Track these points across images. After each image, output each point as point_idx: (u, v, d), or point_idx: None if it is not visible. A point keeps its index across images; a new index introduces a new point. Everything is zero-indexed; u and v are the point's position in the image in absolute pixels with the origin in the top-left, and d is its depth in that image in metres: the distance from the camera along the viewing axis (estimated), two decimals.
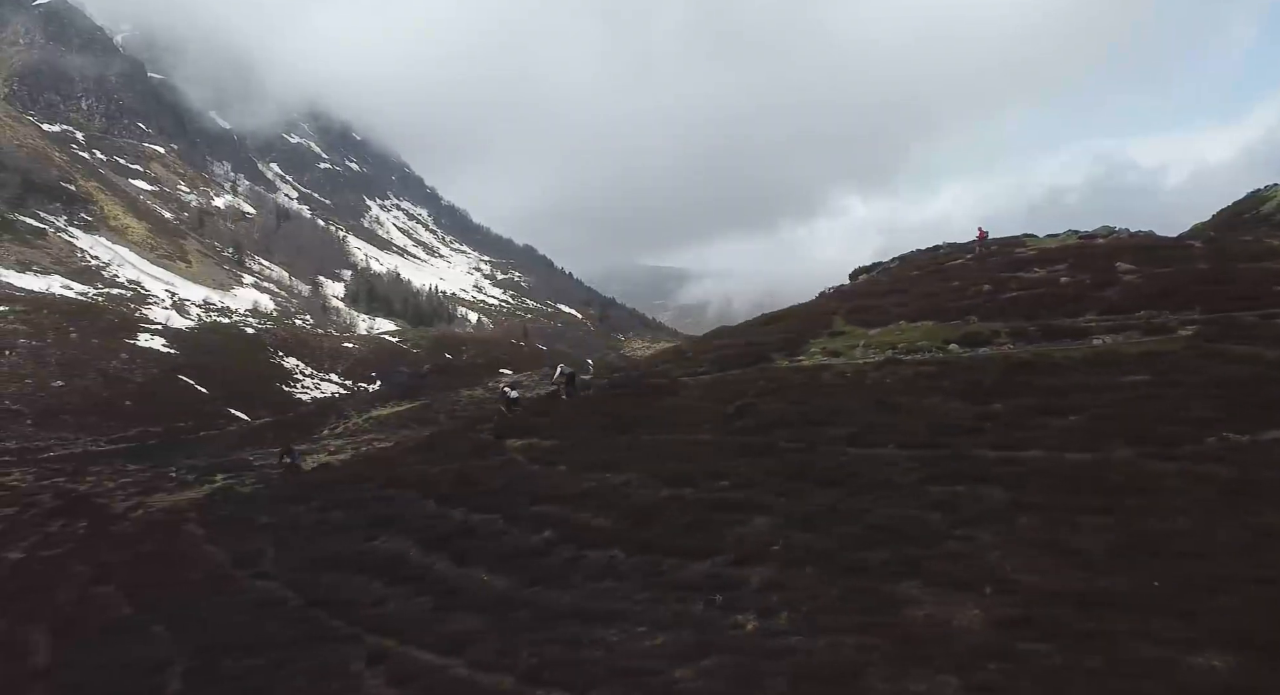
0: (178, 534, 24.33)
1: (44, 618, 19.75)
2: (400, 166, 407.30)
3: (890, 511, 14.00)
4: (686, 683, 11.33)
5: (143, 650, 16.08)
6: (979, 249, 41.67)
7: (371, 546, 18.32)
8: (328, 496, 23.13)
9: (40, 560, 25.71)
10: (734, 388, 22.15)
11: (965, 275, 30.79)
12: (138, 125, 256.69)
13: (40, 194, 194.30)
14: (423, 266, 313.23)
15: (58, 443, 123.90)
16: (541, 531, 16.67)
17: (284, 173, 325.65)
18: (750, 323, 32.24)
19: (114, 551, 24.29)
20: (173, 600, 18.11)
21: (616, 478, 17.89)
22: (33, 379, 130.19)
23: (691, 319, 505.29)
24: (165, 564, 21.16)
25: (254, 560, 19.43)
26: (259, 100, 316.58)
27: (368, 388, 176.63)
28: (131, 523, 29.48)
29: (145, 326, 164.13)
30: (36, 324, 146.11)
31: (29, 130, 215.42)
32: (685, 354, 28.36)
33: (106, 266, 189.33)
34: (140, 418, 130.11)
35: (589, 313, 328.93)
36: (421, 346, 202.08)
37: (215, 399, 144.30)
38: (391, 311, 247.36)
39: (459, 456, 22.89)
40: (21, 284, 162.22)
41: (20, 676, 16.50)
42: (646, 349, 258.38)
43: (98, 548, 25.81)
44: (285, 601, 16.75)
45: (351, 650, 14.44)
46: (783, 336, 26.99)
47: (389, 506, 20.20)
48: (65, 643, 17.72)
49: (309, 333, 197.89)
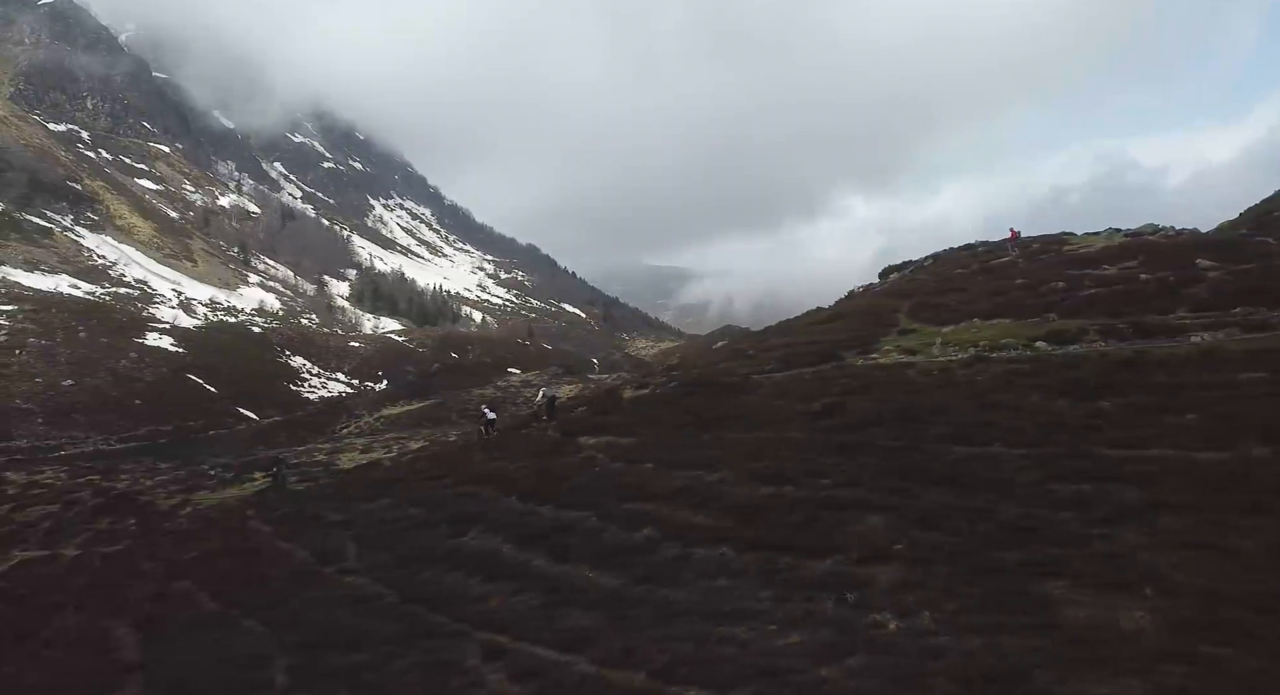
0: (244, 531, 24.14)
1: (123, 613, 19.58)
2: (403, 166, 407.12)
3: (1015, 511, 13.81)
4: (837, 682, 11.14)
5: (238, 646, 15.91)
6: (1013, 248, 41.51)
7: (461, 543, 18.10)
8: (399, 494, 22.91)
9: (101, 557, 25.55)
10: (813, 386, 21.90)
11: (1027, 273, 30.53)
12: (143, 124, 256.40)
13: (46, 193, 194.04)
14: (426, 266, 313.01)
15: (69, 441, 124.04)
16: (640, 529, 16.45)
17: (288, 172, 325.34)
18: (807, 321, 31.86)
19: (179, 548, 24.10)
20: (259, 596, 17.91)
21: (710, 475, 17.68)
22: (43, 378, 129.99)
23: (693, 318, 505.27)
24: (241, 560, 20.96)
25: (337, 557, 19.23)
26: (264, 100, 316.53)
27: (374, 387, 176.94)
28: (186, 520, 29.31)
29: (153, 326, 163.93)
30: (46, 323, 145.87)
31: (35, 129, 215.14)
32: (746, 352, 28.06)
33: (113, 266, 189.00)
34: (150, 417, 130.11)
35: (593, 312, 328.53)
36: (427, 346, 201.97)
37: (224, 398, 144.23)
38: (396, 311, 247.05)
39: (531, 454, 22.64)
40: (29, 283, 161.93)
41: (111, 671, 16.33)
42: (651, 348, 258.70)
43: (159, 544, 25.64)
44: (380, 597, 16.56)
45: (462, 646, 14.23)
46: (849, 334, 26.73)
47: (469, 503, 19.98)
48: (152, 638, 17.54)
49: (315, 332, 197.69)
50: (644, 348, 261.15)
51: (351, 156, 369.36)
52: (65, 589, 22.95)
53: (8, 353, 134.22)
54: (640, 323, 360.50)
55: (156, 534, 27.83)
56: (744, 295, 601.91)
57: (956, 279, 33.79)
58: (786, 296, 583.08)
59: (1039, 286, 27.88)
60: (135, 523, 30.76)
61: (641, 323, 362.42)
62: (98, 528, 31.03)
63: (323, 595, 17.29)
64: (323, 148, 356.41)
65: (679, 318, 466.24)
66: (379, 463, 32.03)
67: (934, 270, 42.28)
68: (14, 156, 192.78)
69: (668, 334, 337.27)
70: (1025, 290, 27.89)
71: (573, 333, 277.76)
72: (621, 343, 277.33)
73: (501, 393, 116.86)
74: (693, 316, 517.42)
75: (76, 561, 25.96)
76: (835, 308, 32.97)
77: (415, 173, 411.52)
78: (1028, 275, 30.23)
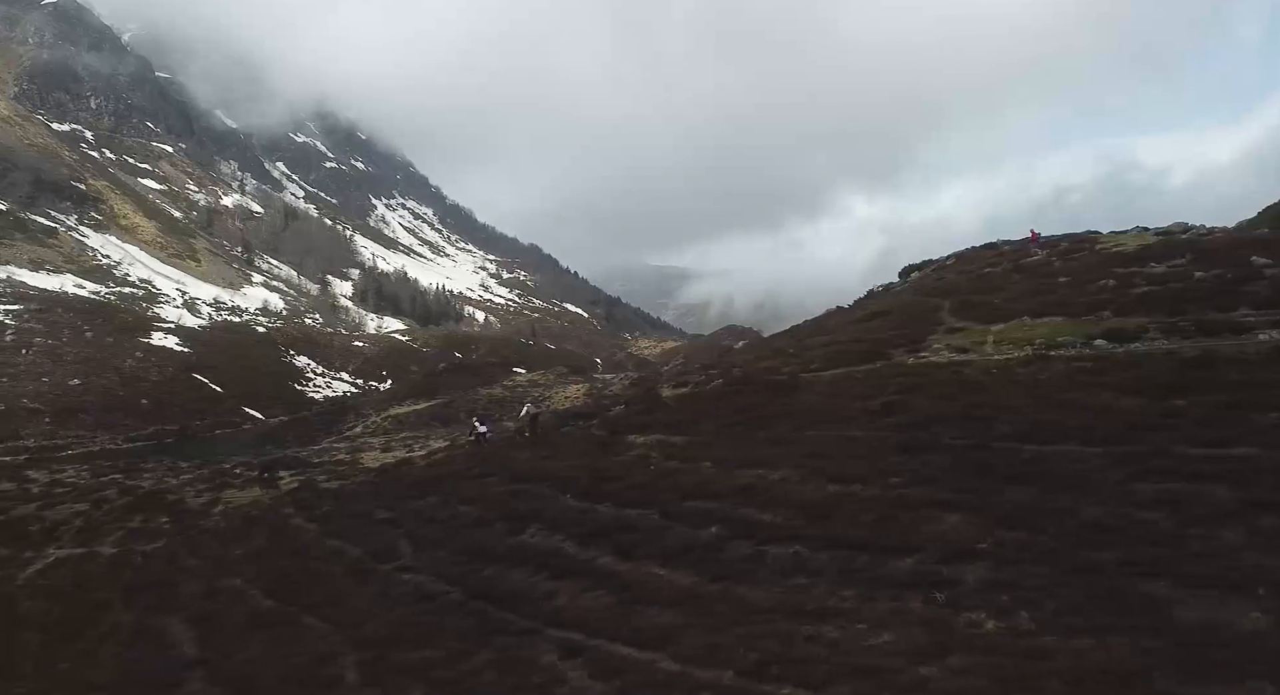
0: (287, 529, 23.95)
1: (174, 610, 19.43)
2: (405, 166, 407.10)
3: (1102, 510, 13.63)
4: (939, 682, 10.96)
5: (301, 642, 15.76)
6: (1036, 249, 41.34)
7: (520, 541, 17.91)
8: (446, 492, 22.72)
9: (142, 554, 25.38)
10: (868, 384, 21.68)
11: (1068, 272, 30.30)
12: (146, 124, 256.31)
13: (51, 193, 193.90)
14: (429, 265, 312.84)
15: (75, 441, 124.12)
16: (707, 527, 16.26)
17: (290, 172, 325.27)
18: (843, 319, 31.58)
19: (223, 546, 23.93)
20: (317, 593, 17.75)
21: (773, 474, 17.48)
22: (50, 377, 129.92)
23: (693, 318, 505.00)
24: (292, 558, 20.79)
25: (391, 554, 19.07)
26: (266, 100, 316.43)
27: (379, 387, 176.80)
28: (221, 518, 29.14)
29: (158, 325, 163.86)
30: (52, 323, 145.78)
31: (39, 129, 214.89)
32: (786, 351, 27.87)
33: (117, 265, 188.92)
34: (156, 416, 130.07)
35: (595, 312, 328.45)
36: (431, 346, 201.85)
37: (230, 397, 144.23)
38: (399, 310, 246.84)
39: (580, 453, 22.43)
40: (35, 283, 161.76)
41: (175, 666, 16.18)
42: (654, 348, 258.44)
43: (201, 542, 25.48)
44: (443, 594, 16.39)
45: (535, 643, 13.99)
46: (894, 332, 26.52)
47: (523, 501, 19.80)
48: (210, 634, 17.39)
49: (319, 332, 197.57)
50: (646, 348, 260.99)
51: (353, 156, 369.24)
52: (110, 586, 22.80)
53: (14, 352, 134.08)
54: (642, 322, 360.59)
55: (193, 532, 27.65)
56: (744, 295, 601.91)
57: (992, 277, 33.60)
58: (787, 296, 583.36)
59: (1085, 285, 27.68)
60: (168, 521, 30.59)
61: (643, 322, 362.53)
62: (130, 526, 30.86)
63: (383, 592, 17.12)
64: (325, 147, 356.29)
65: (680, 317, 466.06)
66: (411, 461, 31.83)
67: (959, 268, 42.11)
68: (18, 157, 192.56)
69: (670, 334, 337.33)
70: (1072, 288, 27.68)
71: (575, 332, 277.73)
72: (624, 342, 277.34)
73: (508, 392, 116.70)
74: (693, 316, 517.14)
75: (116, 559, 25.79)
76: (875, 306, 32.65)
77: (417, 172, 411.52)
78: (1070, 274, 30.01)
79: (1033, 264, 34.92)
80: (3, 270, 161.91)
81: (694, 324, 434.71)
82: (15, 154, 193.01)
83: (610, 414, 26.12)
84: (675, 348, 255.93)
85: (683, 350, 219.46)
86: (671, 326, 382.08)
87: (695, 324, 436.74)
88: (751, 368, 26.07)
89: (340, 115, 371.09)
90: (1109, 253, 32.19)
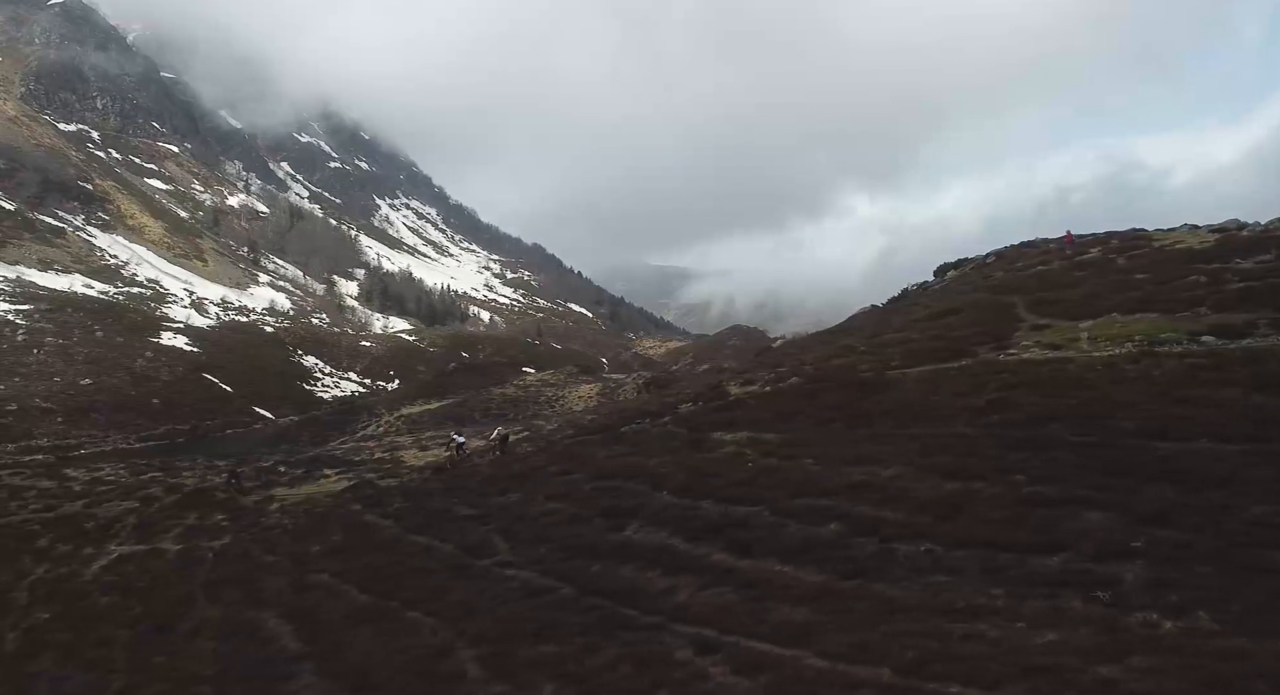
0: (363, 525, 23.58)
1: (265, 604, 19.11)
2: (408, 165, 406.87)
3: (1261, 509, 13.29)
4: (1126, 684, 10.59)
5: (411, 637, 15.44)
6: (1070, 250, 40.88)
7: (624, 537, 17.55)
8: (530, 488, 22.33)
9: (211, 550, 25.05)
10: (963, 381, 21.25)
11: (1145, 269, 29.77)
12: (152, 124, 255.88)
13: (58, 193, 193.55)
14: (433, 265, 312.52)
15: (88, 440, 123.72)
16: (825, 524, 15.89)
17: (294, 172, 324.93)
18: (909, 318, 31.05)
19: (298, 542, 23.58)
20: (415, 589, 17.41)
21: (884, 471, 17.12)
22: (61, 377, 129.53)
23: (695, 318, 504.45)
24: (378, 553, 20.43)
25: (486, 550, 18.72)
26: (271, 100, 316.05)
27: (386, 386, 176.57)
28: (282, 515, 28.80)
29: (167, 325, 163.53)
30: (62, 323, 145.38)
31: (45, 129, 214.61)
32: (856, 348, 27.44)
33: (125, 265, 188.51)
34: (168, 416, 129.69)
35: (600, 312, 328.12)
36: (438, 346, 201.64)
37: (239, 397, 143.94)
38: (405, 310, 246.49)
39: (668, 451, 22.03)
40: (44, 283, 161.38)
41: (279, 659, 15.86)
42: (658, 348, 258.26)
43: (272, 539, 25.17)
44: (553, 590, 16.06)
45: (664, 638, 13.65)
46: (973, 330, 26.00)
47: (617, 498, 19.43)
48: (310, 628, 17.05)
49: (326, 332, 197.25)
50: (651, 347, 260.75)
51: (357, 156, 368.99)
52: (186, 581, 22.47)
53: (25, 352, 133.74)
54: (646, 322, 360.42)
55: (256, 529, 27.31)
56: (745, 296, 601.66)
57: (1052, 274, 33.15)
58: (788, 297, 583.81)
59: (1170, 281, 27.28)
60: (226, 518, 30.27)
61: (647, 322, 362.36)
62: (186, 523, 30.55)
63: (487, 588, 16.77)
64: (329, 147, 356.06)
65: (681, 317, 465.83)
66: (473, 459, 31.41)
67: (1004, 266, 41.70)
68: (26, 157, 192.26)
69: (674, 334, 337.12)
70: (1156, 285, 27.27)
71: (580, 332, 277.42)
72: (628, 342, 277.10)
73: (521, 392, 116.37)
74: (694, 316, 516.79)
75: (185, 555, 25.45)
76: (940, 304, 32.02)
77: (420, 172, 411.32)
78: (1144, 270, 29.59)
79: (1094, 261, 34.46)
80: (12, 270, 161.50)
81: (695, 324, 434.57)
82: (23, 154, 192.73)
83: (681, 412, 25.69)
84: (680, 347, 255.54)
85: (690, 350, 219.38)
86: (674, 327, 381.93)
87: (697, 324, 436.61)
88: (826, 366, 25.65)
89: (344, 115, 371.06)
90: (1179, 250, 31.75)
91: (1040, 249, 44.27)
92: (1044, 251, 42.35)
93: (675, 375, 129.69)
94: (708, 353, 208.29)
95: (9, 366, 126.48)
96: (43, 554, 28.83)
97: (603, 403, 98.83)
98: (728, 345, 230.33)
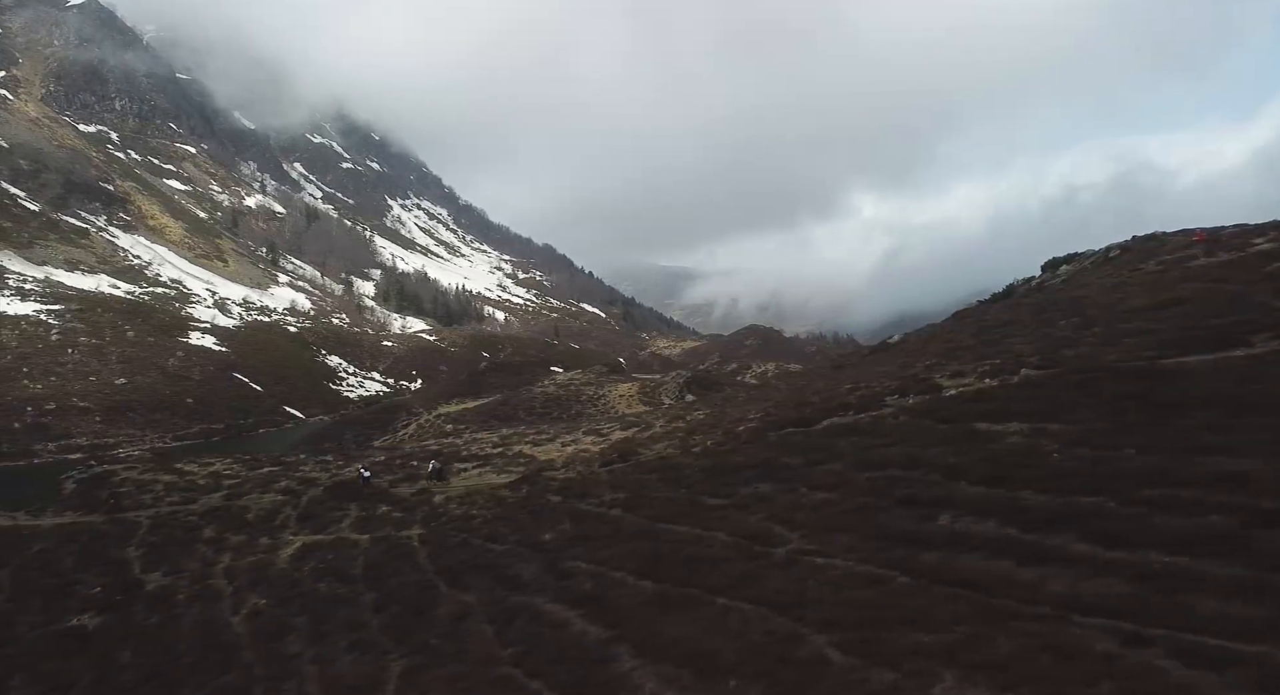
0: (591, 515, 23.53)
1: (531, 590, 19.32)
2: (417, 166, 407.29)
3: None
4: None
5: (739, 623, 14.95)
6: (1202, 249, 39.95)
7: (940, 527, 16.66)
8: (780, 478, 21.40)
9: (422, 539, 25.39)
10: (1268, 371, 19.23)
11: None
12: (169, 125, 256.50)
13: (81, 194, 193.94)
14: (446, 266, 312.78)
15: (126, 439, 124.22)
16: (1204, 515, 14.76)
17: (307, 172, 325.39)
18: (1126, 308, 29.80)
19: (518, 531, 23.69)
20: (713, 577, 17.22)
21: (1243, 462, 15.71)
22: (96, 377, 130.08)
23: (700, 319, 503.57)
24: (637, 542, 20.39)
25: (771, 538, 17.78)
26: (286, 101, 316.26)
27: (409, 386, 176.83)
28: (457, 505, 29.10)
29: (195, 325, 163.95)
30: (94, 323, 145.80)
31: (66, 130, 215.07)
32: (1079, 339, 26.74)
33: (148, 266, 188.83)
34: (201, 415, 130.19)
35: (613, 311, 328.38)
36: (459, 345, 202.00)
37: (270, 397, 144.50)
38: (422, 310, 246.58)
39: (933, 441, 20.86)
40: (72, 283, 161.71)
41: (585, 643, 15.95)
42: (674, 348, 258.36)
43: (472, 527, 25.48)
44: (887, 579, 15.24)
45: (1070, 629, 12.62)
46: (1223, 319, 24.80)
47: (909, 488, 18.83)
48: (603, 613, 17.07)
49: (348, 332, 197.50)
50: (666, 347, 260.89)
51: (369, 157, 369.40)
52: (412, 569, 22.74)
53: (60, 351, 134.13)
54: (657, 322, 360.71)
55: (444, 519, 27.53)
56: (749, 297, 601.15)
57: (1252, 265, 31.39)
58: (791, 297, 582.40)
59: None
60: (393, 510, 30.56)
61: (658, 322, 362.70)
62: (352, 514, 30.88)
63: (805, 576, 16.03)
64: (341, 148, 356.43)
65: (685, 318, 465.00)
66: (668, 455, 30.17)
67: (1133, 263, 40.58)
68: (49, 158, 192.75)
69: (686, 334, 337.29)
70: None
71: (594, 332, 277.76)
72: (642, 342, 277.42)
73: (562, 390, 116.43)
74: (699, 316, 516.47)
75: (383, 543, 25.74)
76: (1173, 292, 30.40)
77: (430, 173, 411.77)
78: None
79: (1265, 252, 32.96)
80: (40, 270, 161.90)
81: (700, 325, 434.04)
82: (46, 155, 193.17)
83: (908, 404, 25.02)
84: (696, 347, 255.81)
85: (715, 349, 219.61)
86: (685, 327, 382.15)
87: (700, 325, 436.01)
88: (1054, 356, 24.89)
89: (355, 116, 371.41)
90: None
91: (1174, 243, 43.12)
92: (1183, 246, 41.19)
93: (716, 374, 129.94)
94: (731, 352, 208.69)
95: (45, 366, 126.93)
96: (216, 543, 29.18)
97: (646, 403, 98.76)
98: (745, 345, 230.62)
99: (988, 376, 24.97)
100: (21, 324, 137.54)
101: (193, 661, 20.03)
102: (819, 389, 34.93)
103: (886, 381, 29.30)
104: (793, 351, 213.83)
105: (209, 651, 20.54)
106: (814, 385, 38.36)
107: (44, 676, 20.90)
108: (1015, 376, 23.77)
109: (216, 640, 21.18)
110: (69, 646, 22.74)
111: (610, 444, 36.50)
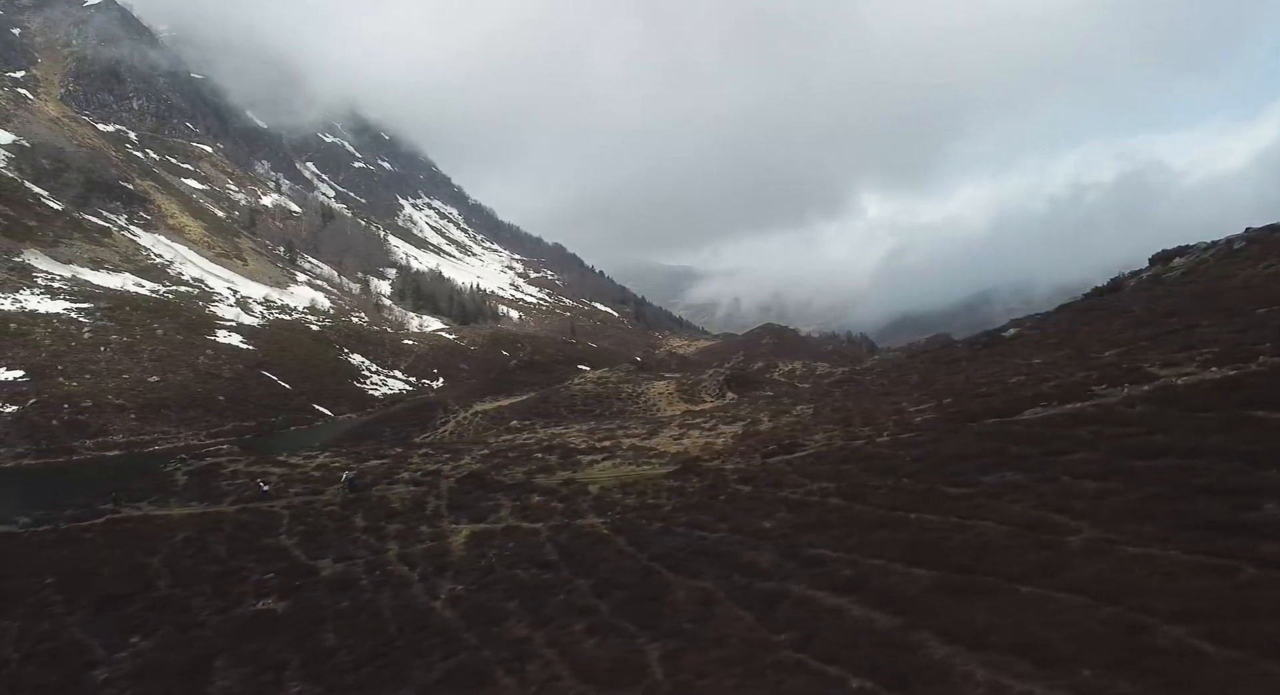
0: (803, 503, 23.25)
1: (771, 577, 19.07)
2: (427, 165, 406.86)
3: None
4: None
5: (1060, 613, 14.51)
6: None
7: (1271, 514, 14.76)
8: (1027, 468, 20.54)
9: (614, 527, 25.25)
10: None
11: None
12: (185, 125, 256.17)
13: (102, 193, 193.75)
14: (459, 265, 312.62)
15: (161, 437, 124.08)
16: None
17: (320, 172, 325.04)
18: (1237, 294, 29.77)
19: (733, 519, 23.42)
20: (1012, 565, 16.84)
21: None
22: (129, 374, 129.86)
23: (703, 318, 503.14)
24: (883, 530, 19.93)
25: (1054, 527, 17.01)
26: (299, 100, 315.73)
27: (431, 385, 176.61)
28: (627, 495, 28.90)
29: (221, 323, 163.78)
30: (123, 321, 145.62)
31: (86, 130, 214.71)
32: (1177, 340, 26.81)
33: (170, 264, 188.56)
34: (233, 412, 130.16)
35: (625, 311, 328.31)
36: (478, 344, 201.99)
37: (299, 395, 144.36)
38: (438, 309, 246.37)
39: (1185, 430, 19.35)
40: (98, 281, 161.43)
41: (874, 628, 15.70)
42: (688, 347, 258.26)
43: (660, 515, 25.35)
44: (1235, 569, 14.99)
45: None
46: None
47: (1204, 477, 17.56)
48: (882, 600, 16.69)
49: (368, 330, 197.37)
50: (680, 346, 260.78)
51: (380, 156, 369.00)
52: (616, 556, 22.55)
53: (93, 349, 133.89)
54: (668, 321, 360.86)
55: (620, 508, 27.13)
56: (751, 297, 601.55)
57: None
58: (794, 298, 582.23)
59: None
60: (547, 498, 30.36)
61: (669, 321, 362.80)
62: (503, 502, 30.74)
63: (1115, 564, 15.10)
64: (352, 148, 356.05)
65: (690, 318, 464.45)
66: (849, 446, 29.24)
67: (1259, 254, 40.33)
68: (70, 157, 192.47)
69: (698, 333, 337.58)
70: None
71: (607, 331, 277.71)
72: (656, 341, 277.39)
73: (600, 387, 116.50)
74: (702, 317, 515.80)
75: (563, 531, 25.59)
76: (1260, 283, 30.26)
77: (439, 172, 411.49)
78: None
79: None
80: (66, 269, 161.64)
81: (703, 324, 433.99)
82: (67, 154, 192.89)
83: (1133, 392, 24.36)
84: (711, 346, 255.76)
85: (737, 348, 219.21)
86: (696, 326, 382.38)
87: (704, 324, 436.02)
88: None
89: (366, 115, 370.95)
90: None
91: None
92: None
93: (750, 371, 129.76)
94: (751, 350, 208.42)
95: (80, 363, 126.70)
96: (374, 532, 29.02)
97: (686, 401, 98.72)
98: (762, 344, 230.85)
99: (1212, 365, 24.46)
100: (54, 322, 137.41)
101: (406, 643, 19.85)
102: (950, 383, 34.68)
103: (1074, 372, 28.83)
104: (809, 350, 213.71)
105: (422, 634, 20.33)
106: (938, 380, 38.04)
107: (246, 658, 20.74)
108: (1253, 364, 23.23)
109: (426, 623, 20.98)
110: (263, 628, 22.58)
111: (747, 436, 36.30)
